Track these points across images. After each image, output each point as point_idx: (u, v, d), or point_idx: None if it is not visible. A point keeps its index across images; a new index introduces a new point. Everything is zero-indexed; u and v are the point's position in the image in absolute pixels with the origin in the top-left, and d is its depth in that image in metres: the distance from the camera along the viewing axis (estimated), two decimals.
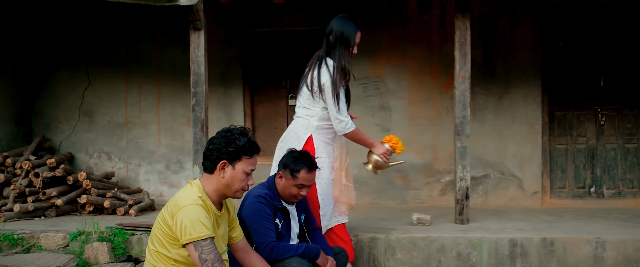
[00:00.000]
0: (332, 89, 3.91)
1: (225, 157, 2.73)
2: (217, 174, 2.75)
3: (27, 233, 4.95)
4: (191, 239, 2.57)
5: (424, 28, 6.60)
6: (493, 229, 4.88)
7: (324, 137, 4.05)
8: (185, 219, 2.58)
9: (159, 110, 6.97)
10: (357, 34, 4.09)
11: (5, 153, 6.19)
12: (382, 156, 4.17)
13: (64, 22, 7.01)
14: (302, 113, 4.09)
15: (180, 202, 2.64)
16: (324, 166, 3.94)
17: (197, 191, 2.72)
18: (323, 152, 4.00)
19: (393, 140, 4.21)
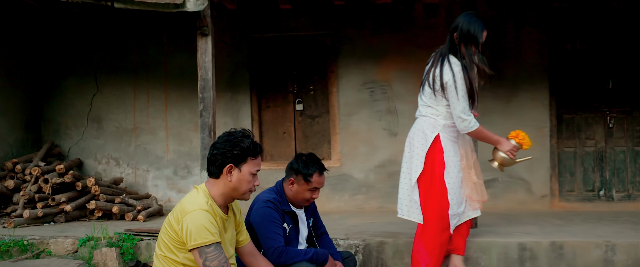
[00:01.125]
0: (454, 88, 3.80)
1: (231, 160, 2.74)
2: (224, 178, 2.76)
3: (36, 239, 4.97)
4: (196, 245, 2.58)
5: (430, 32, 6.60)
6: (502, 233, 4.86)
7: (450, 136, 3.96)
8: (190, 224, 2.58)
9: (167, 116, 6.99)
10: (483, 33, 3.94)
11: (15, 159, 6.23)
12: (508, 152, 4.03)
13: (73, 30, 7.06)
14: (426, 112, 3.99)
15: (186, 208, 2.65)
16: (452, 164, 3.91)
17: (203, 196, 2.72)
18: (450, 150, 3.92)
19: (519, 136, 4.06)
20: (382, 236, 4.75)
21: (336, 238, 4.62)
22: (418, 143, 3.92)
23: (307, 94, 6.92)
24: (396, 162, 6.66)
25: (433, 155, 3.88)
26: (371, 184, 6.70)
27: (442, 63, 3.93)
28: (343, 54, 6.73)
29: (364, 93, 6.71)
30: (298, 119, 6.93)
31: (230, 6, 6.12)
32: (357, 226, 5.37)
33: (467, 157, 4.07)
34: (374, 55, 6.68)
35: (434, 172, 3.88)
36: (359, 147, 6.74)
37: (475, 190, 4.10)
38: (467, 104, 3.85)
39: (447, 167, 3.87)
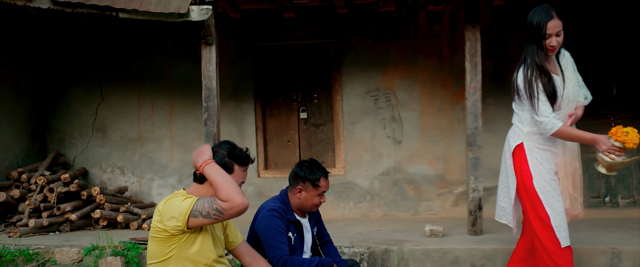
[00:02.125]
0: (524, 90, 3.53)
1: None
2: (207, 185, 2.79)
3: (42, 248, 4.98)
4: (185, 213, 2.60)
5: (434, 40, 6.62)
6: (507, 240, 4.84)
7: (538, 144, 3.61)
8: (171, 206, 2.65)
9: (171, 125, 7.01)
10: (549, 23, 3.49)
11: (21, 169, 6.26)
12: (606, 153, 3.47)
13: (78, 40, 7.10)
14: (514, 119, 3.78)
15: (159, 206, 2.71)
16: (542, 173, 3.55)
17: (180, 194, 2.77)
18: (538, 158, 3.58)
19: (618, 133, 3.45)
20: (387, 244, 4.74)
21: (341, 246, 4.62)
22: (506, 154, 3.75)
23: (311, 102, 6.93)
24: (400, 169, 6.67)
25: (519, 165, 3.63)
26: (376, 192, 6.70)
27: (519, 66, 3.66)
28: (347, 62, 6.74)
29: (368, 101, 6.72)
30: (302, 127, 6.94)
31: (234, 15, 6.16)
32: (361, 233, 5.36)
33: (565, 165, 3.65)
34: (377, 63, 6.70)
35: (524, 182, 3.60)
36: (363, 155, 6.74)
37: (570, 203, 3.65)
38: (544, 104, 3.50)
39: (536, 176, 3.54)
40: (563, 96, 3.55)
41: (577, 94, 3.67)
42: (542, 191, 3.52)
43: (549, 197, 3.52)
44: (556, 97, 3.52)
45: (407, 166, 6.67)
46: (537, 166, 3.58)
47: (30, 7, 5.32)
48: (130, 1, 5.08)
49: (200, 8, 4.96)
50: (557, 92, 3.52)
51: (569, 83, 3.59)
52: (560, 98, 3.53)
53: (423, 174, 6.64)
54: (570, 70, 3.65)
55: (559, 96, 3.53)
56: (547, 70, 3.53)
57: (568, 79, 3.60)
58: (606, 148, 3.47)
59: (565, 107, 3.60)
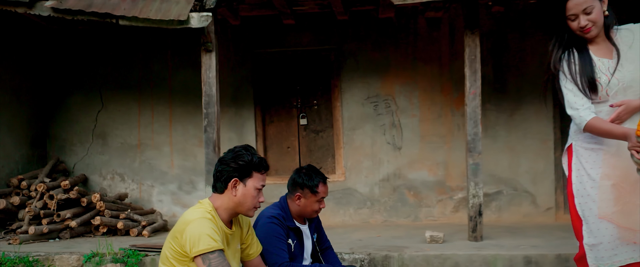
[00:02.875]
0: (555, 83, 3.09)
1: (236, 174, 2.76)
2: (228, 192, 2.78)
3: (42, 255, 4.98)
4: (199, 251, 2.58)
5: (433, 46, 6.63)
6: (507, 246, 4.84)
7: (586, 144, 3.02)
8: (194, 232, 2.60)
9: (171, 132, 7.02)
10: (568, 3, 2.92)
11: (21, 176, 6.26)
12: (632, 151, 2.75)
13: (78, 46, 7.12)
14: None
15: (189, 218, 2.67)
16: (583, 179, 2.98)
17: (206, 207, 2.75)
18: (581, 163, 3.01)
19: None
20: (387, 250, 4.73)
21: (341, 252, 4.62)
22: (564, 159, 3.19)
23: (311, 108, 6.94)
24: (400, 175, 6.67)
25: (569, 168, 3.10)
26: (376, 198, 6.70)
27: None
28: (346, 68, 6.76)
29: (368, 107, 6.73)
30: (302, 133, 6.95)
31: (234, 22, 6.18)
32: (362, 240, 5.36)
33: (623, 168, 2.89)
34: (377, 69, 6.71)
35: (567, 191, 3.10)
36: (363, 161, 6.74)
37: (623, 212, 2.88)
38: (571, 94, 2.98)
39: (575, 184, 3.02)
40: (610, 83, 2.88)
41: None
42: (579, 202, 3.00)
43: (585, 210, 2.97)
44: (595, 85, 2.90)
45: (407, 172, 6.67)
46: (580, 171, 3.03)
47: (31, 15, 5.34)
48: (130, 8, 5.10)
49: (200, 15, 4.98)
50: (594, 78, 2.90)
51: (628, 66, 2.87)
52: (604, 86, 2.89)
53: (423, 180, 6.64)
54: (636, 49, 2.92)
55: (600, 84, 2.90)
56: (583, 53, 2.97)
57: (628, 60, 2.89)
58: (631, 145, 2.79)
59: (621, 96, 2.90)
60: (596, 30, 2.94)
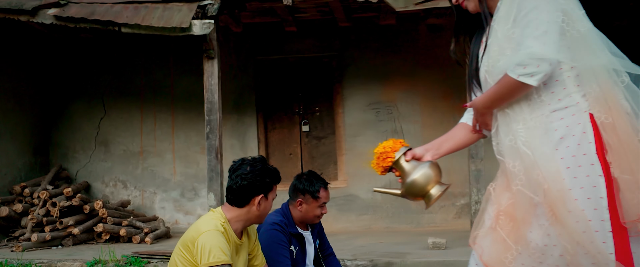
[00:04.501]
0: None
1: (262, 191, 2.79)
2: (249, 207, 2.80)
3: (44, 262, 4.98)
4: (209, 264, 2.59)
5: (435, 52, 6.64)
6: None
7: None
8: (205, 244, 2.61)
9: (174, 139, 7.03)
10: None
11: (23, 183, 6.27)
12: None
13: (80, 54, 7.15)
14: None
15: (201, 228, 2.68)
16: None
17: (219, 218, 2.76)
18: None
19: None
20: (390, 257, 4.73)
21: (343, 259, 4.61)
22: None
23: (313, 115, 6.95)
24: None
25: None
26: (378, 205, 6.69)
27: None
28: (348, 75, 6.77)
29: (370, 114, 6.73)
30: (304, 140, 6.95)
31: (236, 29, 6.21)
32: (364, 246, 5.35)
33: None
34: (379, 76, 6.72)
35: None
36: (365, 167, 6.74)
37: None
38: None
39: None
40: (481, 73, 2.12)
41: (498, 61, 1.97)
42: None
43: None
44: (472, 78, 2.25)
45: None
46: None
47: (34, 23, 5.37)
48: (132, 16, 5.12)
49: (202, 22, 5.00)
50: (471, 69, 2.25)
51: (491, 47, 2.03)
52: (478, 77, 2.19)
53: None
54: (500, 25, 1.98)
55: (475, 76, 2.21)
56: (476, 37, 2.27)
57: (491, 40, 2.03)
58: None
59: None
60: (473, 3, 2.13)
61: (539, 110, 1.91)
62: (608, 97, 1.88)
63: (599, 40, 1.97)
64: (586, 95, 1.90)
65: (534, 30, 1.83)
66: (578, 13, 1.94)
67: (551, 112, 1.90)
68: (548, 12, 1.84)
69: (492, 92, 1.97)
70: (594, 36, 1.96)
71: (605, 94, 1.89)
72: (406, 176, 2.09)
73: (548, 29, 1.83)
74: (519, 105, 1.94)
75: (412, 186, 2.08)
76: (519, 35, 1.87)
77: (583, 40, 1.92)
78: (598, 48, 1.95)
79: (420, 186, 2.08)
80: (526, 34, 1.84)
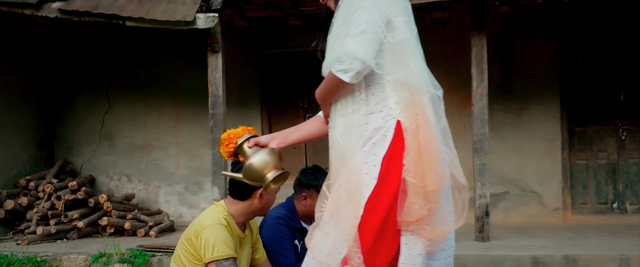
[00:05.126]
0: None
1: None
2: (251, 200, 2.79)
3: (49, 255, 5.00)
4: (213, 258, 2.59)
5: (440, 46, 6.61)
6: (514, 246, 4.83)
7: None
8: (209, 238, 2.61)
9: (178, 132, 7.03)
10: None
11: (29, 177, 6.28)
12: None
13: (84, 48, 7.15)
14: None
15: (205, 222, 2.68)
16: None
17: (222, 212, 2.75)
18: None
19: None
20: None
21: None
22: None
23: (317, 108, 6.92)
24: None
25: None
26: None
27: None
28: None
29: None
30: None
31: (240, 23, 6.19)
32: None
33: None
34: None
35: None
36: None
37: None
38: None
39: None
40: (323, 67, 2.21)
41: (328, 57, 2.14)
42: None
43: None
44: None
45: None
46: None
47: (38, 16, 5.36)
48: (137, 9, 5.11)
49: (206, 16, 4.99)
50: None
51: (328, 43, 2.23)
52: None
53: None
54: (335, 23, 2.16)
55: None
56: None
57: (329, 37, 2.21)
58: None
59: None
60: (332, 2, 2.32)
61: (359, 109, 2.00)
62: (416, 105, 1.96)
63: (415, 49, 2.05)
64: (399, 102, 1.97)
65: (353, 29, 1.92)
66: (400, 20, 2.00)
67: (368, 113, 1.99)
68: (369, 14, 1.92)
69: (322, 85, 2.09)
70: (410, 45, 2.03)
71: (414, 101, 1.97)
72: (246, 160, 2.22)
73: (366, 30, 1.90)
74: (346, 100, 2.03)
75: (248, 169, 2.19)
76: (344, 33, 1.97)
77: (400, 48, 1.99)
78: (413, 57, 2.02)
79: (256, 169, 2.18)
80: (347, 32, 1.94)
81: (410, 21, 2.06)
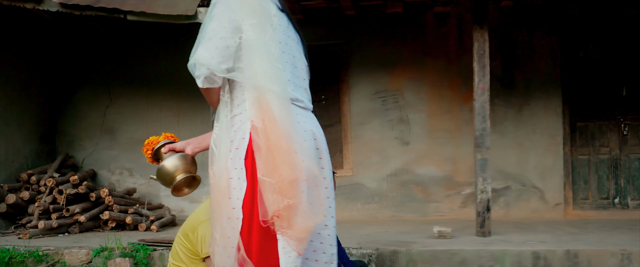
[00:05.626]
0: None
1: None
2: None
3: (51, 249, 5.00)
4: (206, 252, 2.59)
5: (441, 40, 6.61)
6: (515, 241, 4.83)
7: None
8: (206, 233, 2.61)
9: (179, 127, 7.03)
10: None
11: (30, 171, 6.29)
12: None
13: (86, 42, 7.14)
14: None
15: (201, 217, 2.67)
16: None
17: None
18: None
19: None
20: (396, 245, 4.73)
21: (349, 247, 4.62)
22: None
23: (318, 103, 6.93)
24: (408, 171, 6.66)
25: None
26: (384, 193, 6.69)
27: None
28: (354, 63, 6.74)
29: (376, 102, 6.71)
30: None
31: None
32: (370, 235, 5.35)
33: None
34: (385, 64, 6.69)
35: None
36: (371, 156, 6.73)
37: None
38: None
39: None
40: None
41: None
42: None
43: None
44: None
45: (415, 167, 6.66)
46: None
47: (39, 10, 5.35)
48: (138, 3, 5.10)
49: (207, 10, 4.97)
50: None
51: None
52: None
53: (431, 175, 6.62)
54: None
55: None
56: None
57: None
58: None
59: None
60: None
61: (228, 112, 2.13)
62: (262, 103, 2.02)
63: (263, 50, 2.09)
64: (253, 103, 2.05)
65: (203, 36, 2.07)
66: (248, 23, 2.08)
67: (233, 116, 2.10)
68: (217, 22, 2.05)
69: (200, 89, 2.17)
70: (257, 46, 2.08)
71: (260, 100, 2.03)
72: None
73: (212, 36, 2.03)
74: (220, 105, 2.16)
75: (160, 172, 2.32)
76: (197, 42, 2.12)
77: (247, 50, 2.06)
78: (258, 57, 2.07)
79: (165, 172, 2.31)
80: (199, 39, 2.10)
81: (259, 23, 2.11)
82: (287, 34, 2.24)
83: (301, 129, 2.08)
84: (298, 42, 2.37)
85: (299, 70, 2.31)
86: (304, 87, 2.33)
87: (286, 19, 2.30)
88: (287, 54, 2.20)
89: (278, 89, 2.04)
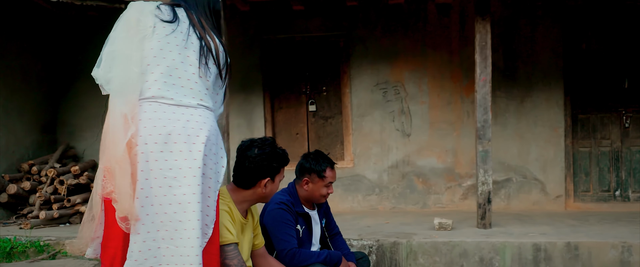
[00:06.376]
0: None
1: (268, 174, 2.79)
2: (255, 189, 2.80)
3: (52, 240, 5.02)
4: None
5: (443, 32, 6.58)
6: (516, 233, 4.83)
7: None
8: None
9: None
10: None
11: (31, 161, 6.30)
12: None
13: (87, 32, 7.12)
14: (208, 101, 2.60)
15: None
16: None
17: (224, 197, 2.76)
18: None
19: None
20: (396, 237, 4.74)
21: (350, 239, 4.62)
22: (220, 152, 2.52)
23: (320, 94, 6.92)
24: (409, 162, 6.66)
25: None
26: (384, 185, 6.69)
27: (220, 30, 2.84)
28: (356, 54, 6.73)
29: (377, 94, 6.70)
30: (311, 119, 6.94)
31: (242, 7, 6.15)
32: (370, 226, 5.36)
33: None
34: (386, 55, 6.67)
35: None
36: (372, 147, 6.73)
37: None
38: None
39: None
40: None
41: None
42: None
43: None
44: None
45: (415, 159, 6.66)
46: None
47: (41, 0, 5.33)
48: None
49: None
50: None
51: None
52: None
53: (432, 167, 6.62)
54: None
55: None
56: None
57: None
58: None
59: None
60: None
61: None
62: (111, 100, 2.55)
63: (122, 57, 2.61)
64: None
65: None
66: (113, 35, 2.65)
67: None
68: (108, 39, 2.62)
69: None
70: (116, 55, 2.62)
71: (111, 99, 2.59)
72: None
73: (102, 51, 2.61)
74: None
75: None
76: None
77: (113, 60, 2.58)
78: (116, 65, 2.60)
79: None
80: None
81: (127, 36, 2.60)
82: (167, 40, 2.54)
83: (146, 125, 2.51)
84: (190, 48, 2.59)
85: (181, 71, 2.49)
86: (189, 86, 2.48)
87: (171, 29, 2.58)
88: (159, 58, 2.50)
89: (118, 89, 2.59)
